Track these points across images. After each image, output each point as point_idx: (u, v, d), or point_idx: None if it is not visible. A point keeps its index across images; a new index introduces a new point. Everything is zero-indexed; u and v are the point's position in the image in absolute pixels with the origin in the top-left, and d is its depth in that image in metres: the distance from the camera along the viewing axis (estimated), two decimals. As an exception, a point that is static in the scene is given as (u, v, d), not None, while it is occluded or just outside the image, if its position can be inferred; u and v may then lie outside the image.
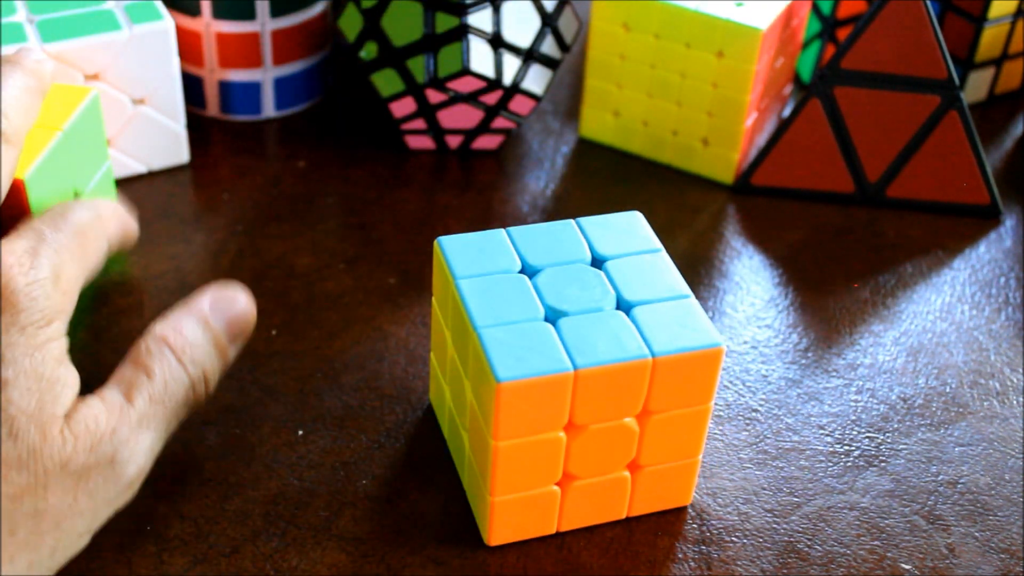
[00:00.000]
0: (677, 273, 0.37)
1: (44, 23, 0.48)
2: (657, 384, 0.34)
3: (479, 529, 0.37)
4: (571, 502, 0.36)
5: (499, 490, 0.35)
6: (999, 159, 0.57)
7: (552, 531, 0.37)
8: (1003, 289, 0.49)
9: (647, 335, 0.34)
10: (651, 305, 0.35)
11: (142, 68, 0.49)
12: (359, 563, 0.36)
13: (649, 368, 0.34)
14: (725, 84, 0.51)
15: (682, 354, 0.34)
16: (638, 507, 0.38)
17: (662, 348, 0.34)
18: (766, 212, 0.52)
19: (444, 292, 0.37)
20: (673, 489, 0.38)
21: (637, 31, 0.52)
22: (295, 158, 0.54)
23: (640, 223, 0.39)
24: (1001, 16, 0.57)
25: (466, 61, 0.50)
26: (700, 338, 0.34)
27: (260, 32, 0.53)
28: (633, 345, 0.34)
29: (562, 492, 0.36)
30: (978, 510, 0.39)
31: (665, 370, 0.34)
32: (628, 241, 0.38)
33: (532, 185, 0.53)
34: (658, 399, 0.35)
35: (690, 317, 0.35)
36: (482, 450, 0.35)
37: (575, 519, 0.37)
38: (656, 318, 0.35)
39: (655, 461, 0.37)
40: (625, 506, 0.38)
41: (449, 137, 0.54)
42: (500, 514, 0.36)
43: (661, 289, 0.36)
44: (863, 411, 0.43)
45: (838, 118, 0.51)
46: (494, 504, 0.35)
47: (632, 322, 0.35)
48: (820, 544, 0.38)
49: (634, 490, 0.37)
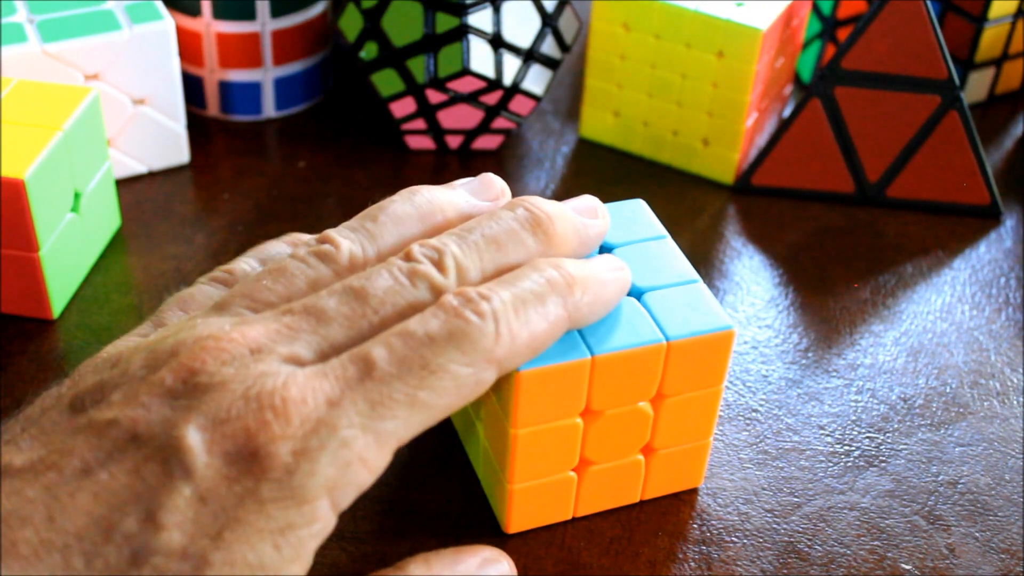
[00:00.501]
0: (684, 259, 0.37)
1: (44, 23, 0.48)
2: (671, 368, 0.35)
3: (496, 517, 0.37)
4: (587, 487, 0.37)
5: (518, 478, 0.35)
6: (999, 159, 0.57)
7: (568, 516, 0.38)
8: (1003, 289, 0.49)
9: (660, 320, 0.35)
10: (661, 291, 0.36)
11: (142, 68, 0.49)
12: (359, 563, 0.36)
13: (664, 352, 0.34)
14: (725, 84, 0.51)
15: (695, 337, 0.35)
16: (652, 490, 0.38)
17: (676, 332, 0.34)
18: (766, 212, 0.52)
19: None
20: (686, 471, 0.38)
21: (637, 31, 0.52)
22: (295, 158, 0.54)
23: (644, 210, 0.39)
24: (1001, 16, 0.57)
25: (466, 61, 0.50)
26: (712, 321, 0.35)
27: (260, 32, 0.53)
28: (647, 330, 0.34)
29: (578, 478, 0.37)
30: (978, 510, 0.39)
31: (679, 354, 0.35)
32: (634, 228, 0.38)
33: (532, 185, 0.53)
34: (672, 382, 0.35)
35: (700, 301, 0.36)
36: (500, 439, 0.35)
37: (591, 504, 0.38)
38: (667, 303, 0.35)
39: (668, 444, 0.37)
40: (639, 490, 0.38)
41: (449, 137, 0.54)
42: (519, 502, 0.36)
43: (670, 275, 0.36)
44: (863, 411, 0.43)
45: (838, 118, 0.51)
46: (512, 492, 0.36)
47: (644, 307, 0.35)
48: (820, 544, 0.38)
49: (648, 473, 0.38)
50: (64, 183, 0.43)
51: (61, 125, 0.42)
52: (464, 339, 0.29)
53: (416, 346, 0.29)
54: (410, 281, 0.31)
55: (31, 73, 0.47)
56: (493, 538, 0.37)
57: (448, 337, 0.29)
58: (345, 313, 0.30)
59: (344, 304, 0.30)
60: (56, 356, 0.42)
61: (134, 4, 0.49)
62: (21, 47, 0.46)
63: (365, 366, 0.29)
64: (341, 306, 0.30)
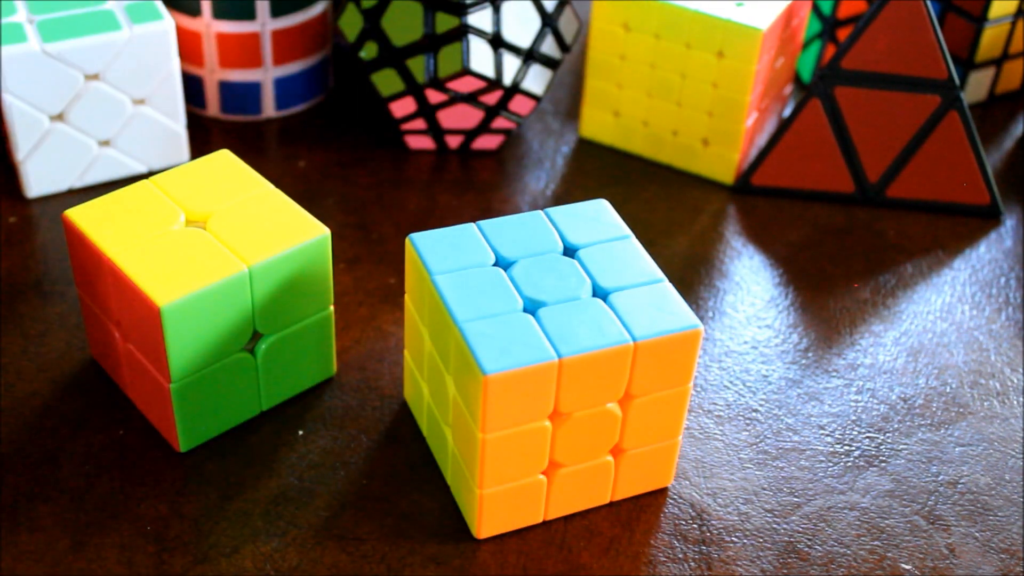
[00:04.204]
0: (649, 258, 0.37)
1: (44, 23, 0.48)
2: (639, 368, 0.35)
3: (467, 523, 0.37)
4: (557, 490, 0.37)
5: (487, 483, 0.35)
6: (999, 159, 0.57)
7: (539, 520, 0.37)
8: (1003, 289, 0.49)
9: (626, 321, 0.35)
10: (627, 291, 0.36)
11: (142, 68, 0.49)
12: (359, 563, 0.36)
13: (631, 353, 0.34)
14: (725, 84, 0.51)
15: (662, 337, 0.35)
16: (622, 491, 0.38)
17: (642, 332, 0.34)
18: (766, 212, 0.52)
19: (419, 289, 0.37)
20: (655, 471, 0.38)
21: (637, 31, 0.52)
22: (295, 158, 0.54)
23: (607, 211, 0.39)
24: (1001, 16, 0.57)
25: (466, 61, 0.50)
26: (678, 321, 0.35)
27: (260, 32, 0.53)
28: (614, 331, 0.34)
29: (548, 480, 0.36)
30: (978, 510, 0.39)
31: (646, 354, 0.35)
32: (597, 229, 0.38)
33: (532, 185, 0.53)
34: (640, 383, 0.35)
35: (666, 301, 0.36)
36: (468, 444, 0.35)
37: (562, 507, 0.37)
38: (633, 303, 0.35)
39: (637, 444, 0.37)
40: (609, 490, 0.38)
41: (449, 137, 0.54)
42: (489, 506, 0.36)
43: (635, 275, 0.36)
44: (863, 411, 0.43)
45: (838, 118, 0.51)
46: (482, 497, 0.36)
47: (610, 308, 0.35)
48: (820, 544, 0.38)
49: (617, 474, 0.38)
50: (235, 321, 0.38)
51: (250, 261, 0.38)
52: None
53: None
54: None
55: (31, 73, 0.47)
56: (493, 538, 0.37)
57: None
58: None
59: None
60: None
61: (134, 4, 0.49)
62: (21, 47, 0.46)
63: None
64: None
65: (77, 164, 0.50)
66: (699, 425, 0.42)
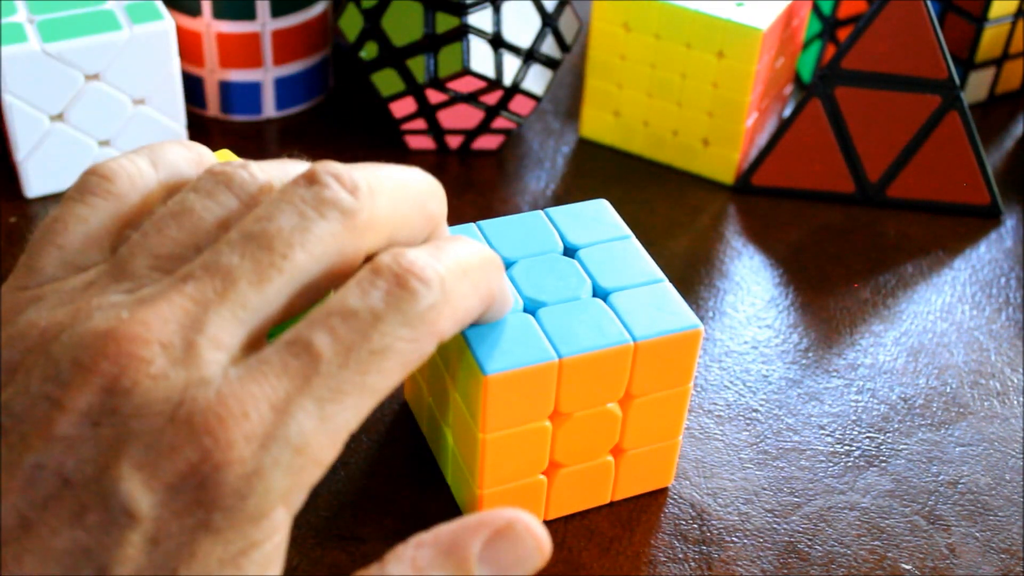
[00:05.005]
0: (649, 258, 0.37)
1: (44, 23, 0.48)
2: (639, 368, 0.35)
3: None
4: (557, 490, 0.37)
5: (487, 483, 0.35)
6: (999, 159, 0.57)
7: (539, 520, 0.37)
8: (1003, 289, 0.49)
9: (626, 321, 0.35)
10: (627, 291, 0.36)
11: (142, 68, 0.49)
12: (359, 563, 0.36)
13: (631, 353, 0.34)
14: (725, 84, 0.51)
15: (662, 337, 0.35)
16: (622, 491, 0.38)
17: (643, 332, 0.34)
18: (766, 212, 0.52)
19: None
20: (655, 471, 0.38)
21: (637, 31, 0.52)
22: (295, 158, 0.54)
23: (607, 211, 0.39)
24: (1001, 16, 0.57)
25: (466, 61, 0.50)
26: (678, 321, 0.35)
27: (260, 32, 0.53)
28: (614, 331, 0.34)
29: (548, 481, 0.36)
30: (978, 510, 0.39)
31: (646, 354, 0.35)
32: (598, 229, 0.38)
33: (532, 185, 0.53)
34: (640, 383, 0.35)
35: (666, 301, 0.36)
36: (468, 444, 0.35)
37: (561, 507, 0.37)
38: (633, 303, 0.35)
39: (637, 444, 0.37)
40: (609, 491, 0.38)
41: (449, 137, 0.54)
42: (489, 507, 0.36)
43: (635, 275, 0.36)
44: (863, 411, 0.43)
45: (838, 118, 0.51)
46: (483, 497, 0.36)
47: (611, 308, 0.35)
48: (820, 544, 0.38)
49: (618, 474, 0.38)
50: None
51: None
52: (411, 312, 0.26)
53: (361, 327, 0.26)
54: (317, 212, 0.27)
55: (31, 73, 0.47)
56: (493, 538, 0.37)
57: (394, 312, 0.26)
58: (251, 268, 0.26)
59: (248, 258, 0.26)
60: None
61: (134, 4, 0.49)
62: (21, 47, 0.46)
63: (309, 358, 0.25)
64: (245, 261, 0.26)
65: (77, 164, 0.50)
66: (699, 425, 0.42)
